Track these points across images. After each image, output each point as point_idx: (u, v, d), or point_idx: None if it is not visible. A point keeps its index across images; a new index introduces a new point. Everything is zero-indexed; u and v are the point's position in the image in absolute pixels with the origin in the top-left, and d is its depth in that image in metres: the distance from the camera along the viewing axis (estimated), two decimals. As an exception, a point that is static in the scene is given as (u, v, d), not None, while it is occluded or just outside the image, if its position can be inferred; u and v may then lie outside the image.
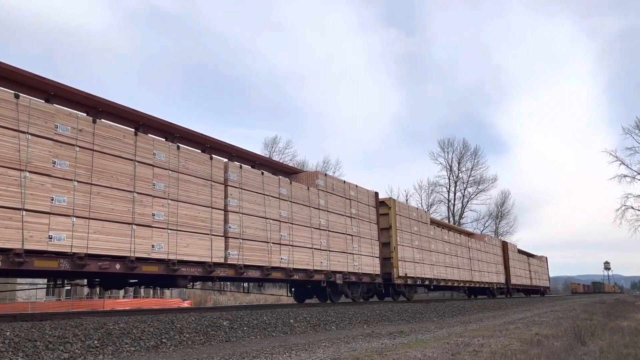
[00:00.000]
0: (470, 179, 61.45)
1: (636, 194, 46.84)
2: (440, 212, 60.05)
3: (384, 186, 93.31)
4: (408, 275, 19.50)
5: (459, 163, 61.81)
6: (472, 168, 61.52)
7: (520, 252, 40.73)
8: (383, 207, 19.34)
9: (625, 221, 54.43)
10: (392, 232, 19.14)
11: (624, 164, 46.05)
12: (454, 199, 61.48)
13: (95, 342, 6.97)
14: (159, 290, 38.67)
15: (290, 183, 13.68)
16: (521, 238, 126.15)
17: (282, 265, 12.67)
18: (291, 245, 13.16)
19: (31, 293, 29.17)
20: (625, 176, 45.94)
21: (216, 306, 25.10)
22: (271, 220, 12.55)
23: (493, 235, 38.61)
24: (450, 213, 60.17)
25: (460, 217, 60.68)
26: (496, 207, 65.86)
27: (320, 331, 10.89)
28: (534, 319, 14.31)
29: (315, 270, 13.99)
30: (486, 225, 64.40)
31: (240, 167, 12.09)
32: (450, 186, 61.50)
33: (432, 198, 61.22)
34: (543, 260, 48.09)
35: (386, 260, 18.73)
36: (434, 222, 24.68)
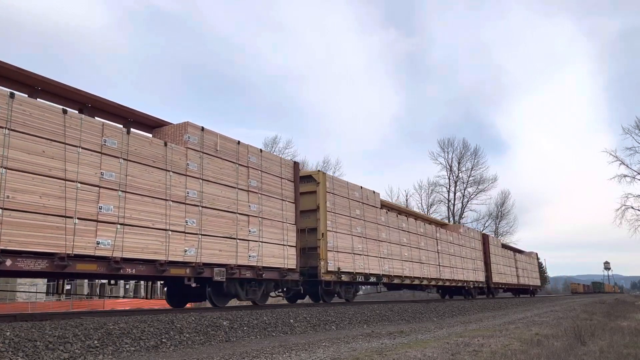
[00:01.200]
0: (470, 179, 61.48)
1: (636, 194, 46.87)
2: (440, 212, 60.08)
3: (384, 186, 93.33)
4: (343, 269, 15.43)
5: (459, 163, 61.85)
6: (472, 168, 61.56)
7: (505, 247, 37.62)
8: (309, 182, 15.46)
9: (625, 221, 54.47)
10: (320, 215, 15.02)
11: (624, 164, 46.07)
12: (454, 199, 61.51)
13: (95, 342, 6.97)
14: (158, 291, 38.60)
15: (128, 133, 9.53)
16: (521, 238, 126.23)
17: (100, 253, 8.70)
18: (121, 224, 9.04)
19: (31, 293, 29.18)
20: (625, 176, 45.96)
21: (216, 306, 25.04)
22: (79, 184, 8.45)
23: (471, 227, 33.50)
24: (450, 213, 60.19)
25: (460, 217, 60.68)
26: (496, 207, 65.92)
27: (320, 331, 10.89)
28: (534, 319, 14.31)
29: (172, 262, 9.99)
30: (486, 225, 64.45)
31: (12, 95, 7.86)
32: (450, 186, 61.54)
33: (432, 198, 61.26)
34: (533, 256, 44.89)
35: (311, 250, 15.00)
36: (388, 206, 20.66)
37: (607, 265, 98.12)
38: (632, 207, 46.25)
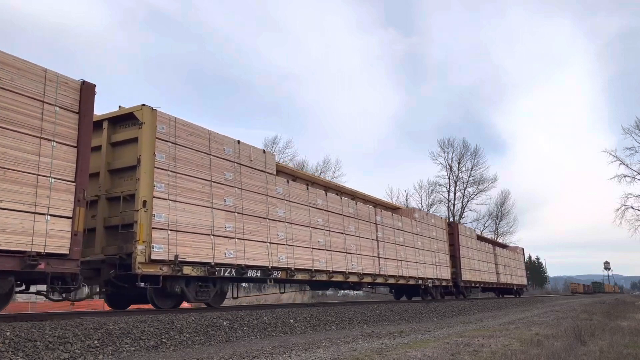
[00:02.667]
0: (470, 179, 61.45)
1: (636, 194, 46.89)
2: (440, 212, 59.98)
3: (384, 186, 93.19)
4: (186, 258, 10.33)
5: (459, 163, 61.82)
6: (472, 168, 61.52)
7: (482, 239, 32.31)
8: (131, 126, 10.57)
9: (625, 221, 54.67)
10: (142, 172, 9.90)
11: (624, 164, 46.10)
12: (454, 199, 61.51)
13: (95, 342, 6.97)
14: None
15: None
16: (521, 238, 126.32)
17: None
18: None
19: (31, 293, 29.11)
20: (625, 176, 45.97)
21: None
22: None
23: (431, 213, 27.56)
24: (450, 213, 60.17)
25: (460, 217, 60.68)
26: (496, 207, 65.93)
27: (320, 331, 10.89)
28: (534, 319, 14.31)
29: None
30: (486, 225, 64.47)
31: None
32: (450, 186, 61.54)
33: (432, 198, 61.24)
34: (518, 252, 40.24)
35: (128, 228, 9.83)
36: (291, 174, 15.53)
37: (607, 265, 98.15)
38: (632, 207, 46.30)
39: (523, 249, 43.61)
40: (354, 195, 18.37)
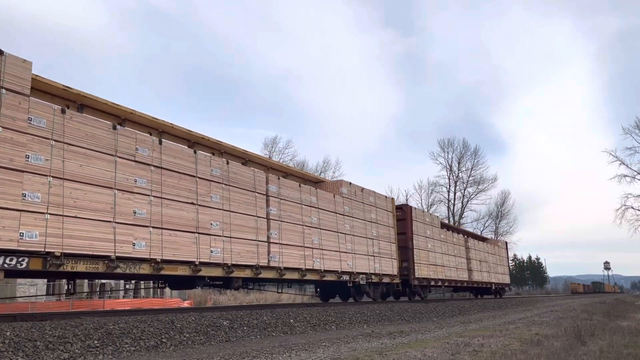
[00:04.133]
0: (470, 179, 61.39)
1: (636, 194, 46.84)
2: (440, 212, 59.96)
3: (384, 186, 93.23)
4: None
5: (459, 163, 61.75)
6: (472, 168, 61.45)
7: (449, 228, 27.21)
8: None
9: (625, 221, 54.46)
10: None
11: (624, 164, 46.05)
12: (454, 199, 61.46)
13: (95, 342, 6.97)
14: (159, 290, 38.52)
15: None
16: (521, 238, 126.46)
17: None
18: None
19: (31, 293, 29.18)
20: (625, 176, 45.94)
21: (216, 306, 25.00)
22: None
23: (372, 190, 18.59)
24: (450, 213, 60.17)
25: (460, 217, 60.68)
26: (496, 207, 65.86)
27: (320, 331, 10.89)
28: (534, 319, 14.31)
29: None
30: (486, 225, 64.44)
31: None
32: (450, 186, 61.47)
33: (432, 198, 61.17)
34: (499, 246, 34.88)
35: None
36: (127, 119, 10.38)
37: (607, 265, 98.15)
38: (632, 207, 46.27)
39: (506, 243, 39.10)
40: (223, 152, 12.81)
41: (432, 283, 21.81)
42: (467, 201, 61.65)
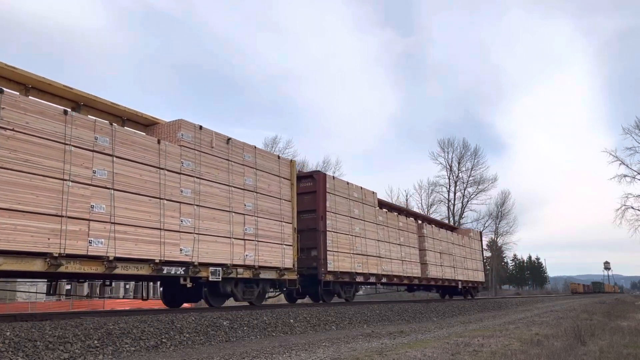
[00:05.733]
0: (470, 179, 61.41)
1: (636, 194, 46.82)
2: (440, 212, 59.97)
3: (384, 186, 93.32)
4: None
5: (459, 163, 61.78)
6: (472, 168, 61.48)
7: (390, 207, 21.08)
8: None
9: (625, 221, 54.56)
10: None
11: (624, 164, 46.01)
12: (454, 199, 61.48)
13: (95, 342, 6.97)
14: (158, 291, 38.27)
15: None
16: (521, 238, 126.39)
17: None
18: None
19: (31, 293, 29.16)
20: (625, 176, 45.91)
21: (216, 306, 25.01)
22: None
23: (240, 140, 12.10)
24: (450, 213, 60.19)
25: (460, 217, 60.69)
26: (496, 207, 65.89)
27: (320, 331, 10.89)
28: (534, 319, 14.32)
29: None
30: (486, 225, 64.44)
31: None
32: (450, 186, 61.50)
33: (432, 198, 61.19)
34: (471, 236, 28.26)
35: None
36: None
37: (607, 265, 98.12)
38: (632, 207, 46.23)
39: (480, 233, 31.95)
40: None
41: (360, 279, 16.26)
42: (467, 201, 61.70)
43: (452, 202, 61.34)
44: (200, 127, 11.05)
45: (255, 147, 12.64)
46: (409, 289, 22.69)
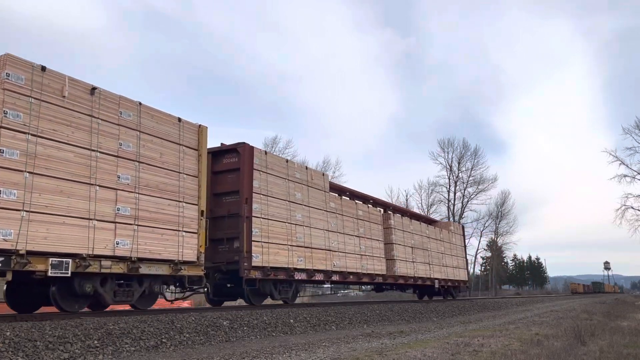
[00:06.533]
0: (470, 179, 61.36)
1: (636, 194, 46.78)
2: (440, 212, 59.96)
3: (384, 186, 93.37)
4: None
5: (459, 163, 61.71)
6: (472, 168, 61.42)
7: (341, 191, 17.49)
8: None
9: (625, 221, 54.57)
10: None
11: (624, 164, 46.01)
12: (454, 199, 61.46)
13: (95, 342, 6.97)
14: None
15: None
16: (521, 238, 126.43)
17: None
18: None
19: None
20: (625, 176, 45.90)
21: (216, 306, 25.00)
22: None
23: (109, 92, 9.23)
24: (450, 213, 60.17)
25: (460, 217, 60.67)
26: (496, 207, 65.92)
27: (320, 331, 10.89)
28: (534, 319, 14.32)
29: None
30: (486, 225, 64.45)
31: None
32: (450, 186, 61.44)
33: (432, 198, 61.18)
34: (452, 230, 25.57)
35: None
36: None
37: (607, 265, 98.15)
38: (632, 207, 46.23)
39: (463, 227, 29.34)
40: None
41: (301, 276, 13.55)
42: (467, 201, 61.65)
43: (452, 202, 61.32)
44: (44, 69, 8.23)
45: (139, 103, 9.76)
46: (376, 288, 20.44)
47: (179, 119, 10.54)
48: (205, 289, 11.24)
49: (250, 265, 11.79)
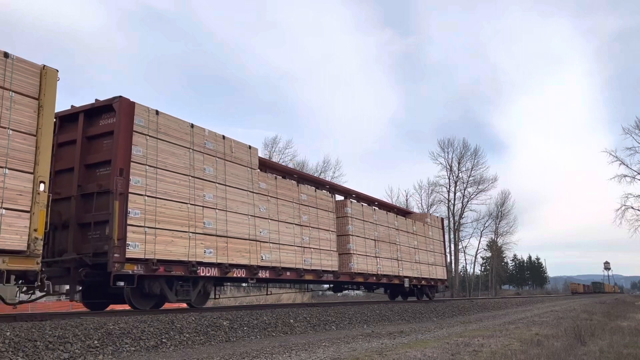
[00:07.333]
0: (470, 179, 61.31)
1: (636, 194, 46.79)
2: (440, 212, 59.93)
3: (384, 186, 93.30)
4: None
5: (459, 163, 61.66)
6: (472, 168, 61.38)
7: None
8: None
9: (625, 221, 54.63)
10: None
11: (624, 164, 45.98)
12: (454, 199, 61.41)
13: (95, 342, 6.97)
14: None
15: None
16: (521, 238, 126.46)
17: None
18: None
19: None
20: (625, 176, 45.88)
21: (216, 306, 24.96)
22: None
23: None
24: (450, 213, 60.15)
25: (461, 217, 60.67)
26: (496, 207, 65.89)
27: (320, 331, 10.89)
28: (534, 319, 14.32)
29: None
30: (486, 225, 64.41)
31: None
32: (450, 186, 61.39)
33: (432, 198, 61.14)
34: (428, 223, 22.84)
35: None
36: None
37: (607, 265, 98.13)
38: (632, 207, 46.20)
39: (442, 220, 26.11)
40: None
41: (210, 272, 10.87)
42: (467, 201, 61.59)
43: (452, 202, 61.26)
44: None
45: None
46: (334, 288, 17.84)
47: (5, 54, 7.49)
48: (69, 289, 9.29)
49: (123, 257, 9.04)
